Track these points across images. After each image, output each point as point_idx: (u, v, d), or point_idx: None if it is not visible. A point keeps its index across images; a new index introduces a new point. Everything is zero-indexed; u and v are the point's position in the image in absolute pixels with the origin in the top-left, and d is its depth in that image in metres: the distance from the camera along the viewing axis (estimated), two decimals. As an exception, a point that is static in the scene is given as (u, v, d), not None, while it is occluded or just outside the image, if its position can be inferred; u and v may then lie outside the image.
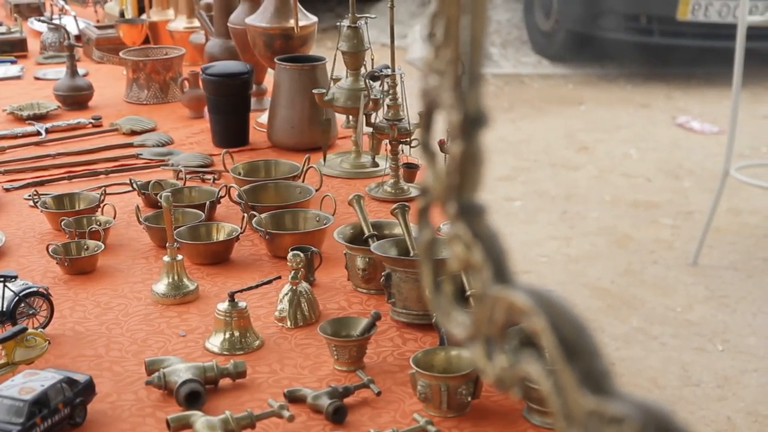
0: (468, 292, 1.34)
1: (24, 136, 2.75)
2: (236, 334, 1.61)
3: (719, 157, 4.13)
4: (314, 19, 2.68)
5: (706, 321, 3.78)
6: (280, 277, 1.74)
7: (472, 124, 0.65)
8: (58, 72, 3.29)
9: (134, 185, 2.21)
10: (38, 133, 2.76)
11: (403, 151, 2.26)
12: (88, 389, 1.42)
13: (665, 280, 4.12)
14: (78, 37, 3.64)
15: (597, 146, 5.74)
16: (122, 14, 3.66)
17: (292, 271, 1.70)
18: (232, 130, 2.61)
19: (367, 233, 1.86)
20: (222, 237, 1.97)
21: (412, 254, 1.74)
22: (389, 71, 2.23)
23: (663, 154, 5.60)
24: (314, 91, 2.38)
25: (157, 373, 1.48)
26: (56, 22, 3.51)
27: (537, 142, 5.82)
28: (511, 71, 7.30)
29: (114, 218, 2.08)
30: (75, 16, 3.75)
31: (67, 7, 3.96)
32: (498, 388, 0.63)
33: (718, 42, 6.31)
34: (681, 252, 4.34)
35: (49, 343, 1.54)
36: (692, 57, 6.82)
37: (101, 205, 2.12)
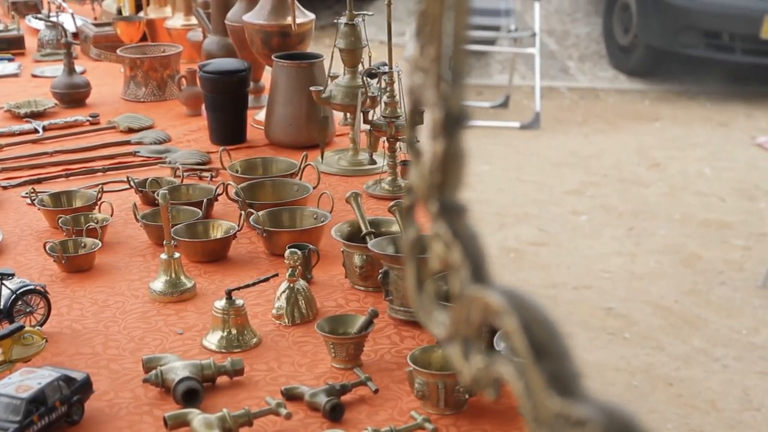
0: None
1: (21, 133, 2.75)
2: (233, 331, 1.61)
3: None
4: (312, 16, 2.67)
5: None
6: (277, 275, 1.74)
7: (454, 122, 0.65)
8: (55, 69, 3.29)
9: (131, 183, 2.21)
10: (35, 131, 2.75)
11: (400, 148, 2.26)
12: (85, 387, 1.42)
13: (732, 302, 4.01)
14: (75, 35, 3.64)
15: (670, 163, 5.61)
16: (120, 12, 3.66)
17: (290, 269, 1.70)
18: (229, 128, 2.61)
19: (364, 231, 1.86)
20: (219, 235, 1.97)
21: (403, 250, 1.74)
22: (387, 69, 2.23)
23: (739, 174, 5.44)
24: (312, 88, 2.38)
25: (154, 371, 1.47)
26: (54, 19, 3.51)
27: (608, 157, 5.71)
28: (586, 85, 7.18)
29: (111, 216, 2.08)
30: (72, 14, 3.75)
31: (64, 4, 3.96)
32: (474, 388, 0.63)
33: None
34: (750, 274, 4.23)
35: (47, 341, 1.54)
36: None
37: (98, 202, 2.11)
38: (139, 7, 3.63)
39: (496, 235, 4.61)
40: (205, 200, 2.08)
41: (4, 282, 1.65)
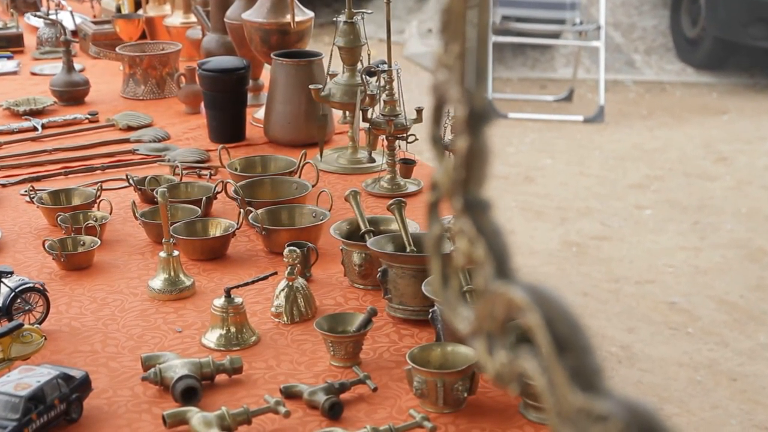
0: (465, 288, 1.34)
1: (20, 131, 2.75)
2: (232, 329, 1.61)
3: None
4: (311, 14, 2.67)
5: None
6: (276, 273, 1.74)
7: (477, 119, 0.65)
8: (54, 67, 3.29)
9: (130, 181, 2.21)
10: (34, 129, 2.75)
11: (399, 146, 2.26)
12: (84, 385, 1.42)
13: None
14: (74, 33, 3.64)
15: (737, 157, 5.54)
16: (119, 9, 3.66)
17: (289, 267, 1.70)
18: (228, 126, 2.61)
19: (363, 229, 1.86)
20: (218, 233, 1.97)
21: (408, 250, 1.75)
22: (386, 67, 2.23)
23: None
24: (311, 86, 2.38)
25: (153, 369, 1.47)
26: (53, 17, 3.50)
27: (673, 150, 5.66)
28: (653, 78, 7.13)
29: (110, 214, 2.08)
30: (72, 12, 3.74)
31: (63, 2, 3.96)
32: (497, 383, 0.63)
33: None
34: None
35: (45, 338, 1.54)
36: None
37: (97, 200, 2.11)
38: (138, 5, 3.63)
39: (558, 230, 4.59)
40: (204, 198, 2.08)
41: (2, 280, 1.65)
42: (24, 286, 1.66)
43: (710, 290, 4.05)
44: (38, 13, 3.73)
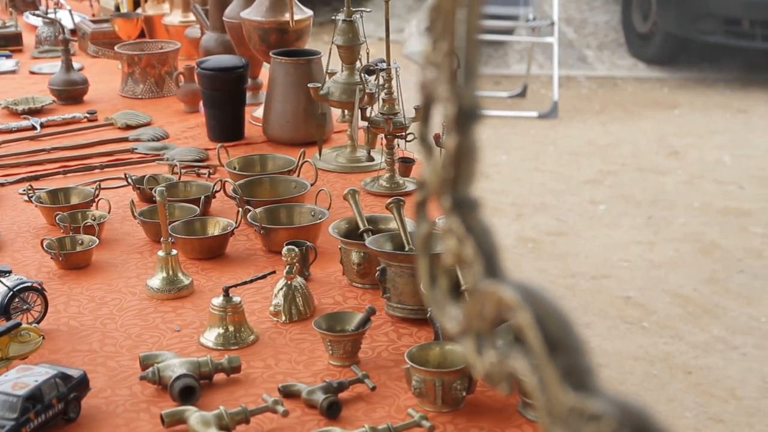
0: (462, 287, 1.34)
1: (19, 130, 2.74)
2: (231, 329, 1.61)
3: None
4: (309, 12, 2.67)
5: None
6: (274, 272, 1.74)
7: (467, 117, 0.65)
8: (53, 66, 3.29)
9: (129, 180, 2.21)
10: (33, 128, 2.75)
11: (398, 145, 2.25)
12: (82, 384, 1.41)
13: (751, 290, 4.01)
14: (73, 32, 3.63)
15: (689, 151, 5.61)
16: (117, 8, 3.65)
17: (287, 266, 1.70)
18: (227, 125, 2.61)
19: (362, 228, 1.86)
20: (217, 232, 1.97)
21: (407, 249, 1.74)
22: (384, 65, 2.22)
23: (759, 162, 5.44)
24: (309, 85, 2.37)
25: (151, 368, 1.47)
26: (51, 16, 3.50)
27: (626, 145, 5.72)
28: (605, 74, 7.20)
29: (109, 213, 2.07)
30: (70, 10, 3.74)
31: (62, 1, 3.95)
32: (487, 382, 0.63)
33: None
34: None
35: (43, 338, 1.54)
36: None
37: (96, 199, 2.11)
38: (137, 4, 3.62)
39: (513, 225, 4.61)
40: (202, 197, 2.08)
41: (0, 279, 1.65)
42: (22, 285, 1.65)
43: (664, 284, 4.09)
44: (37, 12, 3.73)
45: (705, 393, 3.32)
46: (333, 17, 2.39)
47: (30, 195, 2.16)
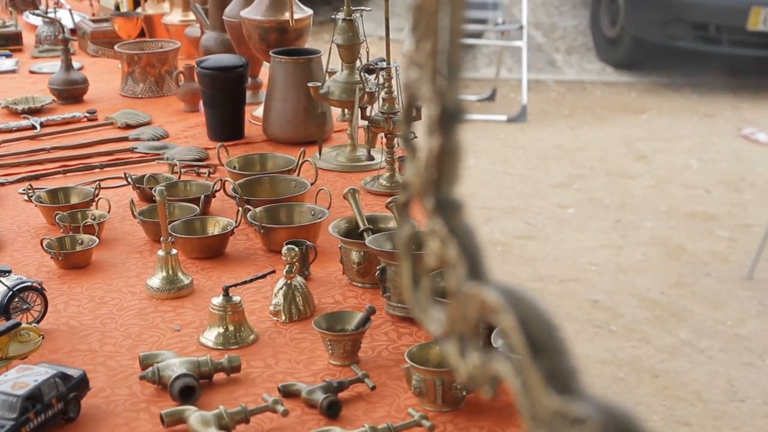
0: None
1: (19, 130, 2.74)
2: (231, 328, 1.60)
3: None
4: (309, 12, 2.67)
5: (757, 336, 3.71)
6: (274, 272, 1.74)
7: (449, 118, 0.64)
8: (53, 66, 3.29)
9: (129, 179, 2.21)
10: (33, 127, 2.75)
11: (398, 144, 2.25)
12: (81, 384, 1.41)
13: (717, 293, 4.04)
14: (73, 31, 3.63)
15: (656, 156, 5.65)
16: (117, 7, 3.65)
17: (287, 265, 1.70)
18: (227, 124, 2.60)
19: (362, 227, 1.85)
20: (217, 231, 1.96)
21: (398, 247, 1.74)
22: (384, 64, 2.22)
23: (725, 166, 5.49)
24: (309, 84, 2.37)
25: (151, 368, 1.47)
26: (51, 15, 3.50)
27: (594, 149, 5.75)
28: (574, 78, 7.23)
29: (108, 212, 2.07)
30: (70, 10, 3.74)
31: (62, 0, 3.95)
32: (470, 386, 0.62)
33: None
34: (736, 265, 4.26)
35: (43, 337, 1.54)
36: (762, 68, 6.68)
37: (96, 199, 2.11)
38: (137, 3, 3.62)
39: (482, 229, 4.62)
40: (202, 197, 2.08)
41: (0, 279, 1.64)
42: (22, 285, 1.65)
43: (632, 288, 4.11)
44: (37, 12, 3.73)
45: (672, 396, 3.35)
46: (333, 16, 2.39)
47: (30, 194, 2.16)
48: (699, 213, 4.87)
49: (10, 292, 1.64)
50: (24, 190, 2.23)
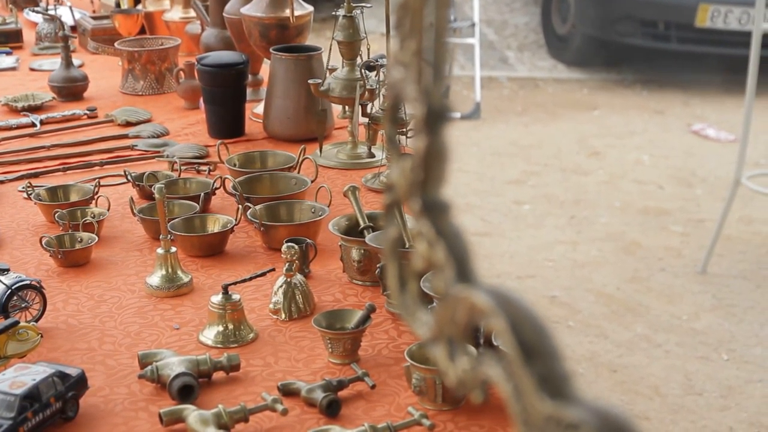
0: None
1: (18, 127, 2.73)
2: (230, 326, 1.60)
3: (734, 165, 4.10)
4: (310, 8, 2.66)
5: (712, 330, 3.75)
6: (274, 270, 1.73)
7: (435, 118, 0.63)
8: (53, 63, 3.28)
9: (129, 177, 2.20)
10: (33, 125, 2.74)
11: (399, 141, 2.24)
12: (80, 383, 1.41)
13: (672, 288, 4.08)
14: (73, 28, 3.62)
15: (609, 152, 5.70)
16: (118, 5, 3.64)
17: (287, 263, 1.69)
18: (227, 121, 2.60)
19: (362, 225, 1.85)
20: (216, 229, 1.96)
21: (407, 246, 1.73)
22: (385, 61, 2.21)
23: (676, 161, 5.55)
24: (310, 81, 2.36)
25: (150, 367, 1.46)
26: (52, 12, 3.49)
27: (548, 146, 5.79)
28: (526, 75, 7.27)
29: (108, 210, 2.06)
30: (71, 7, 3.73)
31: (62, -3, 3.94)
32: (459, 390, 0.61)
33: (737, 50, 6.19)
34: (690, 260, 4.30)
35: (42, 336, 1.53)
36: (711, 64, 6.75)
37: (95, 196, 2.10)
38: (137, 1, 3.61)
39: None
40: (202, 194, 2.07)
41: (-1, 277, 1.64)
42: (20, 284, 1.65)
43: (589, 283, 4.13)
44: (37, 9, 3.72)
45: (630, 391, 3.36)
46: (334, 13, 2.38)
47: (29, 192, 2.15)
48: (652, 208, 4.90)
49: (9, 291, 1.63)
50: (23, 187, 2.23)
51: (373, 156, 2.39)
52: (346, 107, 2.37)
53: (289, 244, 1.70)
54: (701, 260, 4.21)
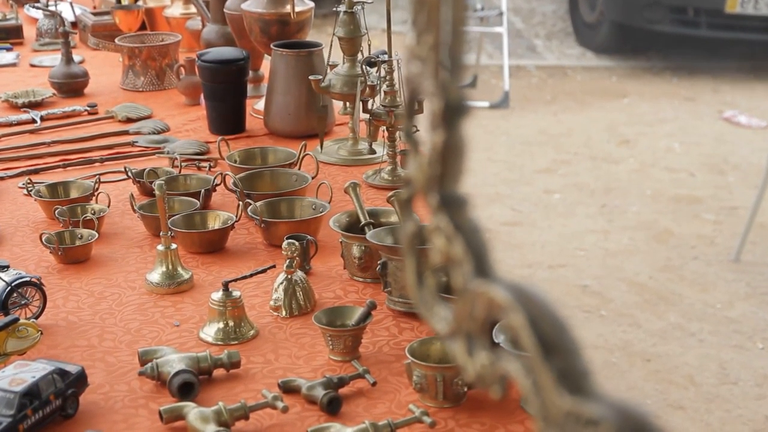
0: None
1: (19, 123, 2.73)
2: (230, 323, 1.59)
3: (766, 152, 4.08)
4: (311, 4, 2.65)
5: (747, 318, 3.73)
6: (275, 266, 1.72)
7: (453, 112, 0.63)
8: (53, 59, 3.27)
9: (129, 173, 2.19)
10: (33, 121, 2.74)
11: (400, 137, 2.23)
12: (80, 380, 1.40)
13: (705, 276, 4.05)
14: (74, 24, 3.62)
15: (639, 140, 5.67)
16: (118, 0, 3.63)
17: (288, 260, 1.68)
18: (228, 117, 2.59)
19: (363, 221, 1.84)
20: (217, 225, 1.95)
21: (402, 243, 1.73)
22: (386, 57, 2.20)
23: (707, 149, 5.51)
24: (311, 77, 2.35)
25: (150, 364, 1.46)
26: (52, 8, 3.48)
27: (578, 135, 5.76)
28: (554, 63, 7.24)
29: (108, 207, 2.06)
30: (71, 3, 3.72)
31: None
32: (478, 385, 0.61)
33: (767, 35, 6.18)
34: (723, 248, 4.27)
35: (42, 333, 1.53)
36: (741, 50, 6.71)
37: (95, 193, 2.10)
38: (138, -4, 3.60)
39: None
40: (203, 191, 2.06)
41: (-2, 274, 1.63)
42: (20, 280, 1.64)
43: (620, 272, 4.12)
44: (38, 5, 3.71)
45: (664, 380, 3.35)
46: (335, 8, 2.37)
47: (29, 189, 2.14)
48: (684, 196, 4.88)
49: (9, 288, 1.62)
50: (23, 184, 2.22)
51: (374, 152, 2.38)
52: (347, 103, 2.37)
53: (290, 240, 1.70)
54: (734, 248, 4.17)
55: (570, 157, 5.41)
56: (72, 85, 2.97)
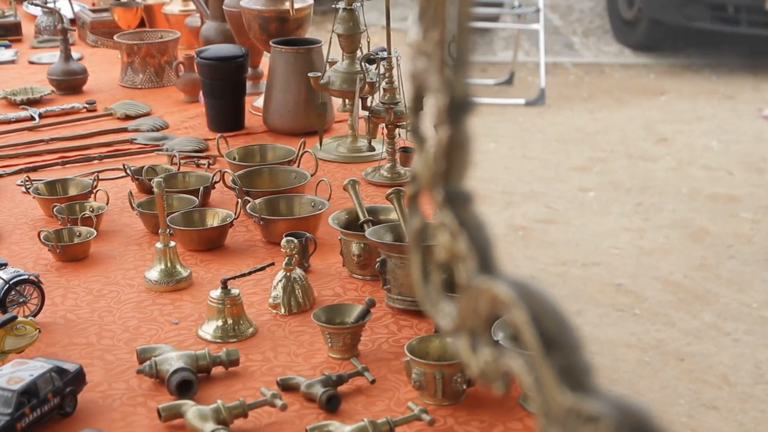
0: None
1: (17, 121, 2.72)
2: (229, 321, 1.59)
3: None
4: (310, 1, 2.65)
5: None
6: (273, 264, 1.72)
7: (458, 108, 0.62)
8: (52, 56, 3.26)
9: (128, 171, 2.19)
10: (32, 118, 2.73)
11: (399, 134, 2.23)
12: (78, 378, 1.40)
13: (741, 276, 4.02)
14: (73, 21, 3.61)
15: (676, 138, 5.61)
16: (117, -3, 3.62)
17: (287, 258, 1.68)
18: (227, 115, 2.58)
19: (362, 219, 1.84)
20: (216, 223, 1.95)
21: (407, 240, 1.72)
22: (385, 54, 2.20)
23: (746, 147, 5.45)
24: (310, 74, 2.35)
25: (148, 362, 1.46)
26: (51, 5, 3.47)
27: (614, 132, 5.72)
28: (592, 60, 7.20)
29: (107, 204, 2.06)
30: (70, 0, 3.71)
31: (61, -10, 3.92)
32: (482, 381, 0.61)
33: None
34: (760, 247, 4.23)
35: (40, 331, 1.52)
36: None
37: (94, 190, 2.09)
38: (136, -7, 3.59)
39: (503, 214, 4.61)
40: (201, 188, 2.06)
41: (-4, 272, 1.63)
42: (18, 278, 1.64)
43: (655, 271, 4.09)
44: (36, 2, 3.70)
45: (698, 380, 3.33)
46: (334, 5, 2.37)
47: (28, 186, 2.14)
48: (721, 195, 4.83)
49: (7, 285, 1.62)
50: (22, 181, 2.22)
51: (373, 149, 2.38)
52: (346, 100, 2.36)
53: (289, 238, 1.69)
54: None
55: (606, 155, 5.36)
56: (71, 83, 2.97)
